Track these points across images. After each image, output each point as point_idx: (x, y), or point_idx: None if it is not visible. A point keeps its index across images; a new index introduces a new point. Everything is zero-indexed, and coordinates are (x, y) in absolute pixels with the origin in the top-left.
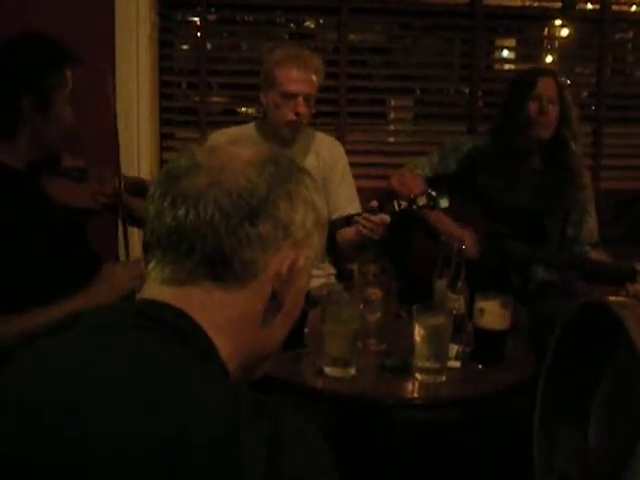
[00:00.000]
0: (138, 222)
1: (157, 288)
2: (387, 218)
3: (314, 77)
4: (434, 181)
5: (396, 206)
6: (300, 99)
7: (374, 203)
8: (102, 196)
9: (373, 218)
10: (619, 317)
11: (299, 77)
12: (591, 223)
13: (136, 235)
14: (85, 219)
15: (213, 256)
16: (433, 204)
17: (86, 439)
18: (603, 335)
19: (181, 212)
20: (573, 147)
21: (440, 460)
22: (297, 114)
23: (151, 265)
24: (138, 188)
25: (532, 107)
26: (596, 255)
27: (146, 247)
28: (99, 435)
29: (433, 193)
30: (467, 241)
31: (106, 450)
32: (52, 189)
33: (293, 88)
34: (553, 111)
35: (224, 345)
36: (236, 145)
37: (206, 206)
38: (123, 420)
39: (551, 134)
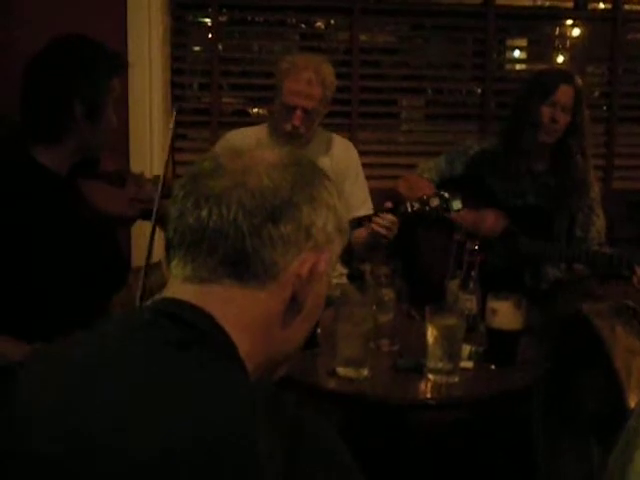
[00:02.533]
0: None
1: (178, 286)
2: (394, 218)
3: (319, 90)
4: (445, 184)
5: (409, 208)
6: (298, 112)
7: (389, 204)
8: (139, 202)
9: (386, 218)
10: (596, 327)
11: (300, 90)
12: (599, 223)
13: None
14: (122, 226)
15: (235, 255)
16: (446, 206)
17: (100, 440)
18: (589, 345)
19: (204, 212)
20: (578, 158)
21: (453, 460)
22: (293, 126)
23: (173, 264)
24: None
25: (546, 112)
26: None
27: (168, 246)
28: (113, 436)
29: (446, 195)
30: (490, 219)
31: (119, 451)
32: (91, 194)
33: (291, 101)
34: (563, 119)
35: (243, 345)
36: (259, 148)
37: (229, 206)
38: (136, 421)
39: (555, 140)
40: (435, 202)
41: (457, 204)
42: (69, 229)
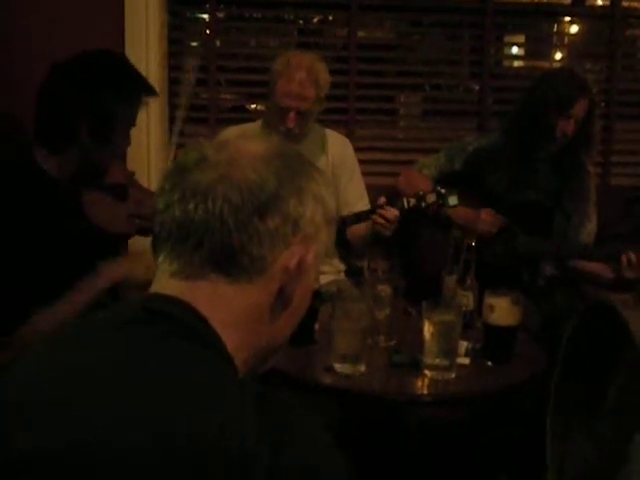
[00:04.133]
0: None
1: (165, 282)
2: (396, 212)
3: (312, 91)
4: (443, 180)
5: (405, 203)
6: (291, 114)
7: (382, 199)
8: (138, 218)
9: (386, 212)
10: (623, 318)
11: (292, 92)
12: (590, 227)
13: None
14: (117, 241)
15: (221, 250)
16: (442, 202)
17: (88, 436)
18: (612, 335)
19: (190, 206)
20: (589, 170)
21: (449, 457)
22: (287, 128)
23: (160, 258)
24: None
25: (562, 125)
26: None
27: (154, 240)
28: (108, 434)
29: (442, 191)
30: (485, 219)
31: (116, 448)
32: (90, 206)
33: (284, 103)
34: (573, 129)
35: (231, 339)
36: (245, 139)
37: (215, 200)
38: (123, 417)
39: (559, 147)
40: (431, 198)
41: (453, 200)
42: (61, 234)
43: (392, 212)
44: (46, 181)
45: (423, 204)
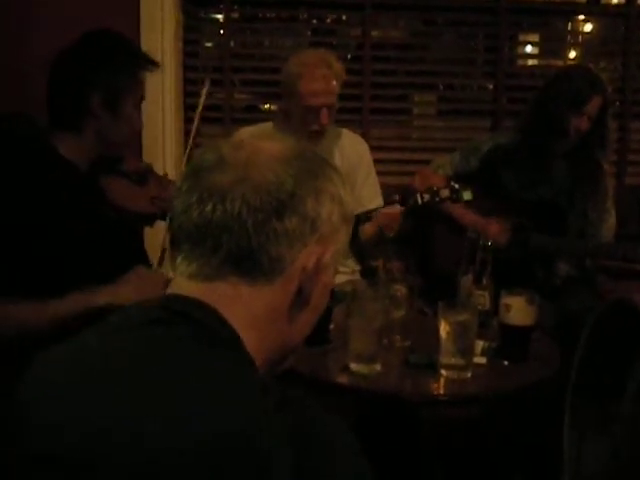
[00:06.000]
0: None
1: (184, 283)
2: (395, 212)
3: (335, 84)
4: (459, 180)
5: (419, 199)
6: (324, 110)
7: (396, 197)
8: (160, 201)
9: (386, 211)
10: None
11: (321, 90)
12: (610, 222)
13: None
14: (141, 224)
15: (240, 252)
16: (456, 197)
17: (106, 438)
18: (631, 332)
19: (208, 208)
20: (605, 169)
21: (464, 457)
22: (321, 125)
23: (178, 260)
24: None
25: (575, 123)
26: None
27: (173, 242)
28: (124, 435)
29: (456, 186)
30: (494, 230)
31: (125, 449)
32: (111, 190)
33: (314, 102)
34: (587, 126)
35: (251, 340)
36: (262, 139)
37: (233, 202)
38: (144, 419)
39: (572, 145)
40: (445, 193)
41: (467, 195)
42: (88, 221)
43: (387, 212)
44: (67, 166)
45: (437, 199)
